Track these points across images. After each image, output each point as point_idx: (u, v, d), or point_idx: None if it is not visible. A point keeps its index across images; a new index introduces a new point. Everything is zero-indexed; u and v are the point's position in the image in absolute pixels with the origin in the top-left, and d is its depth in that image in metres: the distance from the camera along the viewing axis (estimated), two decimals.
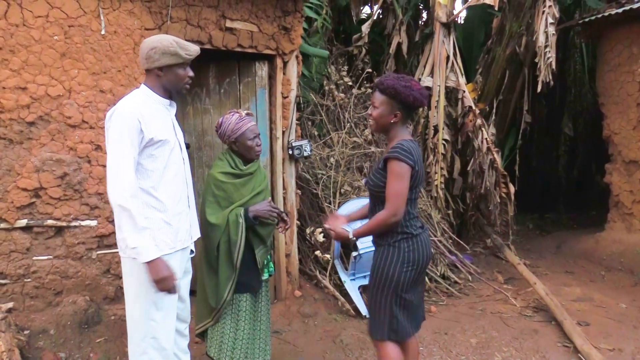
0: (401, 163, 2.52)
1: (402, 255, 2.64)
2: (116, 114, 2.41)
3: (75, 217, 3.67)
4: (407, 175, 2.54)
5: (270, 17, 4.32)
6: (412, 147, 2.59)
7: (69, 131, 3.58)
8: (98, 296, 3.82)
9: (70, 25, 3.51)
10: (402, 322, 2.72)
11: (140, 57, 2.55)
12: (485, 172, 5.99)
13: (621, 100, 6.32)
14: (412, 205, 2.69)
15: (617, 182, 6.54)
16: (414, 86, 2.63)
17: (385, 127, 2.70)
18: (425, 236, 2.76)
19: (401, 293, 2.67)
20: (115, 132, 2.37)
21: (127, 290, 2.58)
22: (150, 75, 2.56)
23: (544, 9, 5.72)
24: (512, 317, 4.71)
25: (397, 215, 2.55)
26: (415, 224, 2.71)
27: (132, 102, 2.47)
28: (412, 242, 2.66)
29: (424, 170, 2.79)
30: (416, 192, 2.70)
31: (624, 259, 6.12)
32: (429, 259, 2.76)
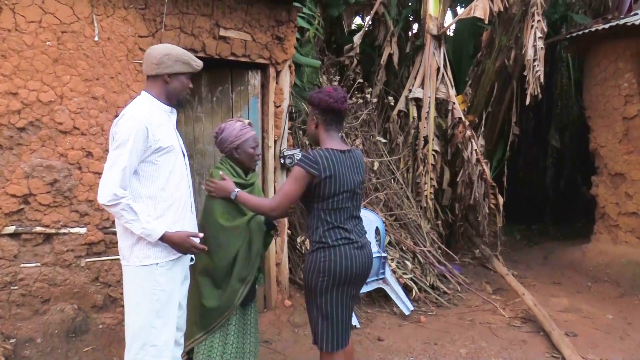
0: (299, 168, 2.60)
1: (316, 264, 2.65)
2: (124, 119, 2.41)
3: (65, 224, 3.63)
4: (301, 180, 2.59)
5: (263, 27, 4.34)
6: (323, 156, 2.59)
7: (59, 137, 3.56)
8: (86, 304, 3.77)
9: (63, 31, 3.50)
10: (327, 333, 2.69)
11: (148, 62, 2.54)
12: (474, 183, 6.04)
13: (607, 113, 6.42)
14: (333, 215, 2.66)
15: (603, 194, 6.63)
16: (324, 91, 2.72)
17: (313, 136, 2.81)
18: (349, 249, 2.65)
19: (320, 302, 2.66)
20: (121, 137, 2.37)
21: (128, 299, 2.55)
22: (155, 82, 2.56)
23: (532, 23, 5.81)
24: (500, 327, 4.74)
25: (276, 211, 2.65)
26: (336, 235, 2.65)
27: (141, 108, 2.47)
28: (327, 253, 2.63)
29: (352, 179, 2.70)
30: (334, 203, 2.64)
31: (609, 270, 6.19)
32: (352, 272, 2.64)
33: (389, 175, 6.03)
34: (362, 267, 2.71)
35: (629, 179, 6.24)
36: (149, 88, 2.58)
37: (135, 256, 2.48)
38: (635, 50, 6.04)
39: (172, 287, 2.58)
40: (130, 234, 2.47)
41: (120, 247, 2.51)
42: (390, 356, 4.11)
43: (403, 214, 5.81)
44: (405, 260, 5.41)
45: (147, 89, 2.58)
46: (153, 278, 2.50)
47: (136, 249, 2.48)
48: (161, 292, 2.53)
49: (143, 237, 2.44)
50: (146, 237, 2.43)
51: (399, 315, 4.95)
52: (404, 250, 5.54)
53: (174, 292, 2.61)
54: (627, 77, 6.14)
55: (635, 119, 6.10)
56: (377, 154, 6.10)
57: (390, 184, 5.95)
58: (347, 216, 2.71)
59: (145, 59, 2.57)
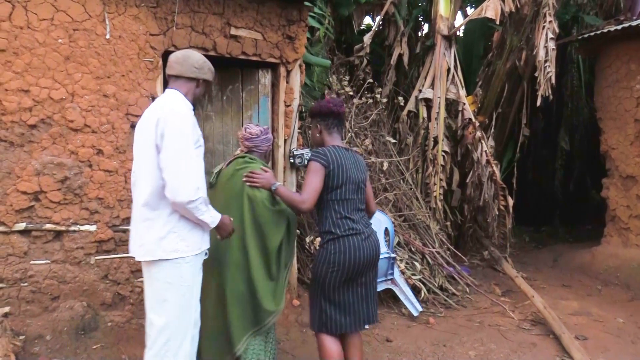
0: (313, 162, 2.90)
1: (328, 257, 2.89)
2: (173, 114, 2.48)
3: (75, 222, 3.65)
4: (319, 171, 2.87)
5: (274, 26, 4.33)
6: (330, 151, 2.93)
7: (70, 135, 3.57)
8: (95, 302, 3.79)
9: (75, 28, 3.51)
10: (332, 317, 2.93)
11: (188, 65, 2.63)
12: (484, 184, 6.00)
13: (619, 115, 6.37)
14: (341, 205, 2.93)
15: (613, 196, 6.57)
16: (321, 101, 3.13)
17: (318, 143, 3.12)
18: (356, 240, 2.90)
19: (328, 292, 2.91)
20: (176, 131, 2.45)
21: (153, 295, 2.58)
22: (188, 84, 2.66)
23: (544, 24, 5.77)
24: (510, 330, 4.70)
25: (306, 203, 2.84)
26: (344, 226, 2.91)
27: (182, 104, 2.58)
28: (337, 244, 2.88)
29: (355, 174, 2.99)
30: (342, 193, 2.92)
31: (620, 273, 6.13)
32: (360, 262, 2.89)
33: (398, 176, 6.00)
34: (369, 256, 2.95)
35: None
36: (179, 87, 2.65)
37: (162, 250, 2.51)
38: None
39: (194, 282, 2.64)
40: (160, 227, 2.50)
41: (145, 242, 2.52)
42: (398, 357, 4.09)
43: (412, 214, 5.78)
44: (414, 261, 5.38)
45: (177, 87, 2.65)
46: (179, 273, 2.55)
47: (164, 242, 2.51)
48: (185, 288, 2.58)
49: (175, 231, 2.51)
50: (211, 224, 2.58)
51: (408, 316, 4.93)
52: (413, 251, 5.51)
53: (196, 287, 2.66)
54: (639, 79, 6.08)
55: None
56: (387, 154, 6.08)
57: (400, 184, 5.93)
58: (353, 208, 2.97)
59: (182, 60, 2.64)
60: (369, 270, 3.01)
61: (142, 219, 2.53)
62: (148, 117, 2.54)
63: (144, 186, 2.51)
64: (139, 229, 2.55)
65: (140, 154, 2.55)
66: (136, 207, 2.57)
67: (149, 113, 2.57)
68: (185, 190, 2.42)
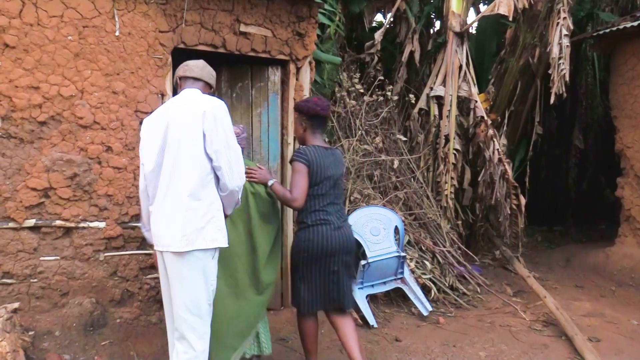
0: (297, 163, 3.20)
1: (299, 244, 3.27)
2: (220, 107, 2.67)
3: (84, 218, 3.65)
4: (303, 170, 3.18)
5: (284, 23, 4.30)
6: (311, 150, 3.23)
7: (80, 132, 3.57)
8: (104, 299, 3.80)
9: (84, 25, 3.51)
10: (304, 297, 3.28)
11: (206, 70, 2.87)
12: (496, 183, 5.92)
13: (634, 114, 6.26)
14: (316, 200, 3.26)
15: (628, 196, 6.46)
16: (310, 101, 3.37)
17: (301, 137, 3.42)
18: (325, 229, 3.23)
19: (302, 274, 3.28)
20: (226, 123, 2.67)
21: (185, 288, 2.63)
22: (205, 88, 2.87)
23: (558, 20, 5.68)
24: (521, 330, 4.64)
25: (297, 201, 3.17)
26: (315, 217, 3.25)
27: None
28: (307, 233, 3.23)
29: (333, 171, 3.32)
30: (319, 189, 3.25)
31: (634, 274, 6.03)
32: (328, 249, 3.22)
33: (408, 174, 5.95)
34: (339, 245, 3.26)
35: None
36: (201, 88, 2.83)
37: (202, 239, 2.59)
38: None
39: (216, 275, 2.78)
40: (201, 217, 2.60)
41: (186, 233, 2.57)
42: (408, 357, 4.06)
43: (422, 213, 5.73)
44: (424, 260, 5.33)
45: (200, 88, 2.83)
46: (213, 264, 2.70)
47: (204, 231, 2.60)
48: (213, 281, 2.72)
49: (214, 222, 2.64)
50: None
51: (417, 316, 4.89)
52: (423, 250, 5.47)
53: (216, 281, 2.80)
54: None
55: None
56: (397, 152, 6.03)
57: (410, 182, 5.88)
58: (328, 202, 3.30)
59: (202, 66, 2.87)
60: (340, 258, 3.29)
61: (184, 209, 2.57)
62: (186, 110, 2.63)
63: (189, 176, 2.58)
64: (177, 220, 2.58)
65: (180, 144, 2.60)
66: (173, 198, 2.60)
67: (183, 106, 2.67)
68: (239, 175, 2.67)
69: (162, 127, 2.65)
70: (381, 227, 4.94)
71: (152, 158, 2.67)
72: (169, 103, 2.80)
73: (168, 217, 2.61)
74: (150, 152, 2.68)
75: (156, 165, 2.66)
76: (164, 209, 2.63)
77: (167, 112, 2.70)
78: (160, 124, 2.67)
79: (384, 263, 4.79)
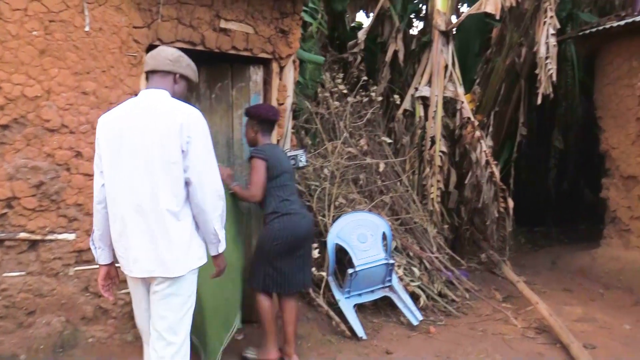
0: (255, 159, 3.54)
1: (273, 233, 3.55)
2: (200, 120, 2.43)
3: (52, 230, 3.37)
4: (261, 167, 3.52)
5: (267, 19, 4.07)
6: (267, 147, 3.64)
7: (46, 136, 3.29)
8: (75, 316, 3.52)
9: (51, 20, 3.24)
10: (275, 280, 3.58)
11: (161, 57, 2.50)
12: (483, 185, 5.79)
13: (620, 114, 6.20)
14: (281, 190, 3.62)
15: (614, 197, 6.40)
16: (261, 107, 3.84)
17: (252, 140, 3.75)
18: (297, 218, 3.61)
19: (273, 261, 3.56)
20: (205, 134, 2.44)
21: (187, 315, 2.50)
22: (165, 79, 2.50)
23: (545, 19, 5.58)
24: (514, 338, 4.49)
25: (256, 197, 3.56)
26: (286, 206, 3.60)
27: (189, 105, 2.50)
28: (281, 222, 3.54)
29: (287, 164, 3.75)
30: (281, 181, 3.62)
31: (622, 276, 5.97)
32: (298, 237, 3.59)
33: (394, 177, 5.77)
34: (305, 233, 3.68)
35: None
36: (164, 85, 2.49)
37: (190, 259, 2.43)
38: None
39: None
40: (187, 240, 2.40)
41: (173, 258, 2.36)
42: None
43: (409, 218, 5.56)
44: (412, 267, 5.15)
45: (162, 85, 2.49)
46: (195, 282, 2.52)
47: (191, 252, 2.43)
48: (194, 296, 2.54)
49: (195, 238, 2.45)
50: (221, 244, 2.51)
51: (407, 325, 4.70)
52: (411, 256, 5.29)
53: None
54: None
55: None
56: (382, 155, 5.85)
57: (396, 186, 5.70)
58: (290, 192, 3.69)
59: (155, 55, 2.51)
60: (305, 244, 3.71)
61: (164, 232, 2.33)
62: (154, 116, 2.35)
63: (166, 193, 2.32)
64: (162, 244, 2.34)
65: (152, 156, 2.31)
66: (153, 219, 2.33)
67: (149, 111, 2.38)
68: (219, 184, 2.45)
69: (124, 135, 2.36)
70: (368, 234, 4.75)
71: (114, 167, 2.38)
72: (131, 104, 2.47)
73: (147, 238, 2.35)
74: (110, 160, 2.38)
75: (117, 176, 2.37)
76: (139, 229, 2.35)
77: (127, 116, 2.41)
78: (122, 130, 2.38)
79: (372, 271, 4.60)
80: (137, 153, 2.32)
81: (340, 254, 4.75)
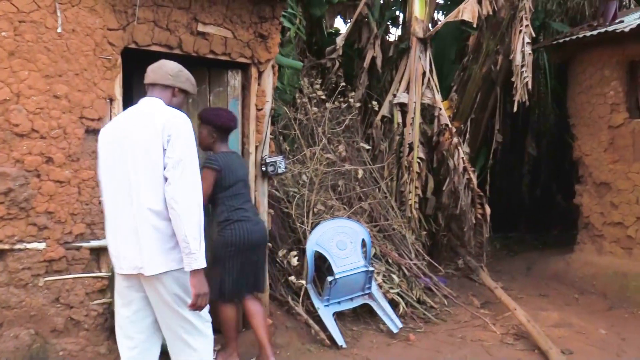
0: (207, 170, 3.48)
1: (227, 240, 3.57)
2: (182, 121, 2.49)
3: (20, 239, 3.22)
4: (210, 177, 3.49)
5: (245, 23, 4.01)
6: (221, 157, 3.58)
7: (15, 141, 3.15)
8: (45, 329, 3.36)
9: (21, 20, 3.10)
10: (230, 287, 3.58)
11: (162, 72, 2.64)
12: (460, 192, 5.81)
13: (592, 122, 6.32)
14: (234, 199, 3.62)
15: (587, 203, 6.51)
16: (220, 113, 3.70)
17: (208, 145, 3.69)
18: (249, 225, 3.63)
19: (228, 268, 3.57)
20: (188, 139, 2.47)
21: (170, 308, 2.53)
22: (164, 92, 2.65)
23: (521, 27, 5.65)
24: (493, 345, 4.50)
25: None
26: (238, 214, 3.61)
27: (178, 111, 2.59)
28: (233, 229, 3.57)
29: (242, 172, 3.77)
30: (234, 190, 3.62)
31: (596, 281, 6.06)
32: (251, 243, 3.62)
33: (372, 184, 5.75)
34: (259, 239, 3.71)
35: (614, 189, 6.13)
36: (161, 96, 2.63)
37: (172, 259, 2.46)
38: (622, 58, 5.95)
39: None
40: (169, 238, 2.44)
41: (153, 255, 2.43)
42: None
43: (388, 224, 5.54)
44: (392, 274, 5.13)
45: (159, 96, 2.63)
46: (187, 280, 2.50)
47: (173, 252, 2.46)
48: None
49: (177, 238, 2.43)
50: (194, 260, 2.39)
51: (386, 333, 4.67)
52: (390, 263, 5.26)
53: None
54: (613, 85, 6.04)
55: (621, 128, 6.00)
56: (360, 161, 5.82)
57: (375, 193, 5.67)
58: (244, 200, 3.71)
59: (156, 69, 2.66)
60: (258, 250, 3.74)
61: (147, 230, 2.42)
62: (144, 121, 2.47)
63: (149, 194, 2.42)
64: (144, 241, 2.43)
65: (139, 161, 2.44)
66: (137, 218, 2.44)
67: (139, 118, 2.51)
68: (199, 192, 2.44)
69: (117, 140, 2.51)
70: (348, 241, 4.72)
71: (108, 171, 2.55)
72: (128, 112, 2.63)
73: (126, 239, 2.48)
74: (105, 165, 2.57)
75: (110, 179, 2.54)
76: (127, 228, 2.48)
77: (122, 123, 2.57)
78: (115, 136, 2.54)
79: (351, 278, 4.57)
80: (125, 156, 2.46)
81: (320, 262, 4.70)
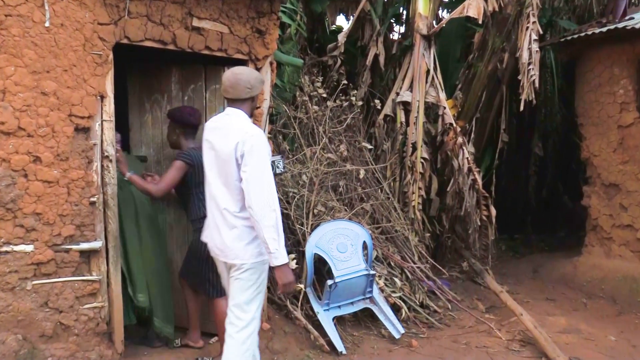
0: (180, 161, 3.56)
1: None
2: (257, 136, 2.85)
3: (7, 241, 3.11)
4: (181, 169, 3.56)
5: (242, 18, 3.88)
6: (192, 153, 3.61)
7: (1, 140, 3.04)
8: (33, 334, 3.25)
9: (7, 14, 2.98)
10: (219, 282, 3.47)
11: (241, 87, 2.91)
12: (465, 193, 5.66)
13: (601, 121, 6.15)
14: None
15: (595, 205, 6.34)
16: (184, 111, 3.77)
17: (175, 142, 3.82)
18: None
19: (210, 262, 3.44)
20: (262, 151, 2.83)
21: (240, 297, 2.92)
22: (245, 104, 2.99)
23: (528, 24, 5.50)
24: (499, 352, 4.36)
25: (158, 194, 3.55)
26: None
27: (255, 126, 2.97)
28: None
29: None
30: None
31: (604, 285, 5.90)
32: None
33: (374, 184, 5.61)
34: None
35: (623, 190, 5.97)
36: (243, 107, 2.97)
37: (250, 254, 2.88)
38: (632, 56, 5.78)
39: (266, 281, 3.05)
40: (247, 234, 2.87)
41: (232, 248, 2.91)
42: None
43: (390, 226, 5.40)
44: (394, 277, 4.99)
45: (239, 107, 2.96)
46: (265, 273, 2.97)
47: (250, 247, 2.89)
48: (264, 287, 3.01)
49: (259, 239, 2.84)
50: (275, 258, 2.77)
51: (388, 338, 4.53)
52: (392, 266, 5.12)
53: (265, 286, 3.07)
54: (622, 84, 5.88)
55: (631, 127, 5.83)
56: (362, 161, 5.69)
57: (377, 193, 5.53)
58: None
59: (234, 84, 2.91)
60: None
61: (226, 226, 2.91)
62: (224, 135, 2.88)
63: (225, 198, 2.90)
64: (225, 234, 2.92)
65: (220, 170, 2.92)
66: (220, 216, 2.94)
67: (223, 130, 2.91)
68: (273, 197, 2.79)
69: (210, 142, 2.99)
70: (348, 243, 4.59)
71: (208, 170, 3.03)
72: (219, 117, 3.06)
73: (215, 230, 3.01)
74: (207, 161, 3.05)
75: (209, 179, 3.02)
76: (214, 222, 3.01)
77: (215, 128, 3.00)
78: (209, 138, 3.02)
79: (352, 282, 4.44)
80: (211, 160, 2.98)
81: (319, 264, 4.56)
